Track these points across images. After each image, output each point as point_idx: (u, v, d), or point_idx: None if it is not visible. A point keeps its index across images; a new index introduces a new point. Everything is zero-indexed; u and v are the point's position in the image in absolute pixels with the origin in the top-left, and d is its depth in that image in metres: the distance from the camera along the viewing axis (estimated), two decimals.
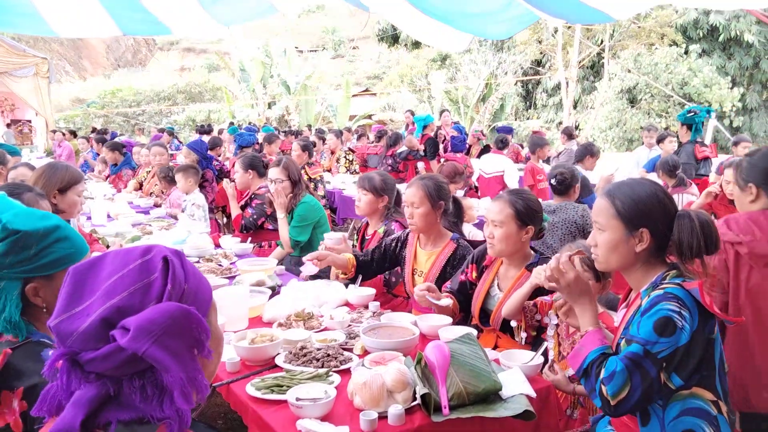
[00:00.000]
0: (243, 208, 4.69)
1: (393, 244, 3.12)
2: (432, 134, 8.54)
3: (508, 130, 8.80)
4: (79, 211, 3.14)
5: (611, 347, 1.71)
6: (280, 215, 4.08)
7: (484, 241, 2.62)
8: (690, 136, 6.60)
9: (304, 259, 3.04)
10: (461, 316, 2.69)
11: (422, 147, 8.10)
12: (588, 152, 5.72)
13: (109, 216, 5.02)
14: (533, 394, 1.85)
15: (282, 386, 1.91)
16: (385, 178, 3.50)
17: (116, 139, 9.78)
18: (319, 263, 2.98)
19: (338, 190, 7.24)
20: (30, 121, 15.42)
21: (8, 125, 15.12)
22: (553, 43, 18.62)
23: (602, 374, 1.62)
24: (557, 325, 2.18)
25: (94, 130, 14.89)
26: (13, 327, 1.41)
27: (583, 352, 1.71)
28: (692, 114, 6.64)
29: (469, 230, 4.32)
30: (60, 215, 2.69)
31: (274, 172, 4.10)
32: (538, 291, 2.31)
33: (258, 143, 8.89)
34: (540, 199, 2.77)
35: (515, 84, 20.76)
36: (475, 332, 2.21)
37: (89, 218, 4.89)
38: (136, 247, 1.05)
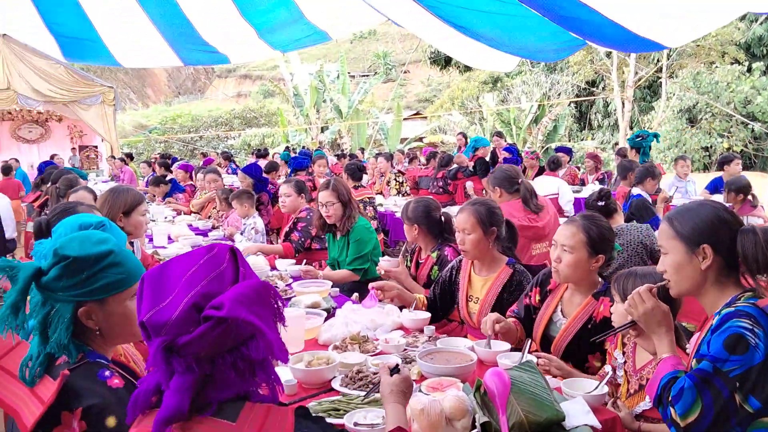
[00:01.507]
0: (289, 233, 4.75)
1: (448, 275, 3.06)
2: (486, 156, 8.48)
3: (567, 151, 8.64)
4: (145, 230, 3.24)
5: (683, 371, 1.64)
6: None
7: (544, 265, 2.56)
8: (639, 159, 7.28)
9: (370, 286, 2.98)
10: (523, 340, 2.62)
11: (471, 163, 8.05)
12: (649, 174, 5.55)
13: (169, 238, 5.17)
14: (598, 426, 1.78)
15: (339, 410, 1.90)
16: (413, 208, 3.50)
17: (176, 164, 10.14)
18: (383, 294, 2.92)
19: (390, 212, 7.26)
20: (96, 147, 16.15)
21: (73, 150, 15.87)
22: (608, 63, 18.31)
23: (670, 394, 1.56)
24: (624, 362, 2.11)
25: (160, 156, 15.48)
26: (63, 349, 1.43)
27: (658, 379, 1.65)
28: (640, 138, 7.41)
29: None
30: (129, 237, 2.80)
31: (324, 195, 4.04)
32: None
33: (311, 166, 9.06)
34: None
35: (569, 105, 20.45)
36: (535, 360, 2.15)
37: (150, 240, 5.05)
38: (198, 248, 1.17)
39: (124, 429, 1.34)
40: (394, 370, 1.71)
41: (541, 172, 8.42)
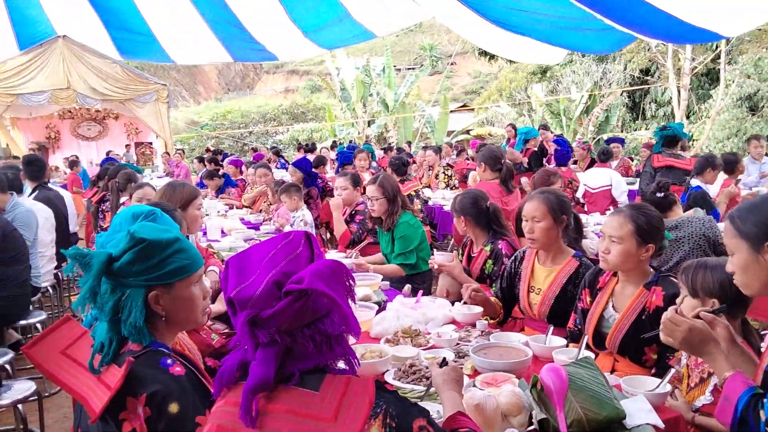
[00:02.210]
0: (347, 223, 4.78)
1: (512, 266, 3.00)
2: (536, 148, 8.31)
3: (619, 141, 8.39)
4: (200, 224, 3.31)
5: (758, 385, 1.55)
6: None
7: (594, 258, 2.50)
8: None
9: (463, 291, 2.89)
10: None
11: (525, 160, 7.90)
12: (709, 164, 5.34)
13: (223, 231, 5.29)
14: (661, 425, 1.72)
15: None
16: (459, 200, 3.46)
17: (226, 159, 10.35)
18: (473, 300, 2.84)
19: (438, 205, 7.22)
20: (151, 144, 16.65)
21: (127, 146, 16.39)
22: (663, 50, 17.68)
23: (764, 416, 1.46)
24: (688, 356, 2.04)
25: (208, 150, 15.83)
26: (138, 332, 1.48)
27: (731, 401, 1.53)
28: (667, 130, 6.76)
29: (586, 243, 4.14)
30: (186, 230, 2.86)
31: (370, 190, 4.08)
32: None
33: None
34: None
35: (621, 94, 19.87)
36: (593, 356, 2.10)
37: (204, 234, 5.17)
38: (275, 236, 1.29)
39: (185, 415, 1.38)
40: (443, 363, 1.75)
41: (592, 163, 8.22)
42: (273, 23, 10.11)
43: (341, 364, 1.25)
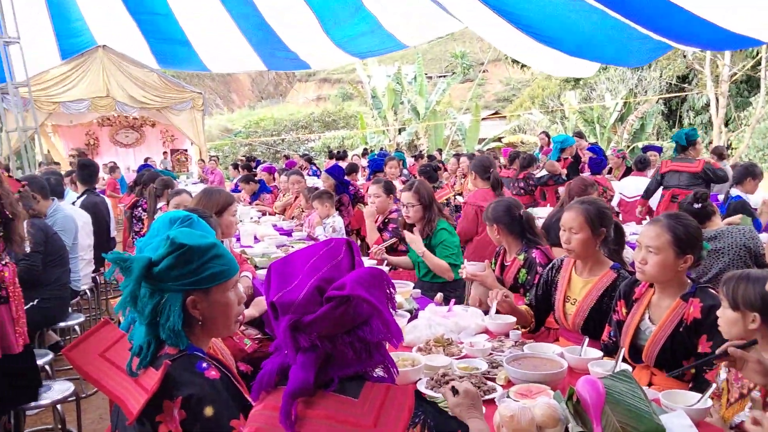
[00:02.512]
0: (380, 231, 4.78)
1: (548, 274, 2.96)
2: (572, 158, 8.16)
3: (657, 150, 8.23)
4: (235, 230, 3.36)
5: None
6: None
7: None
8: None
9: (489, 302, 2.89)
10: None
11: (564, 172, 7.78)
12: (749, 173, 5.20)
13: (256, 238, 5.34)
14: None
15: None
16: (492, 207, 3.42)
17: (260, 166, 10.49)
18: (501, 306, 2.82)
19: None
20: (186, 150, 16.96)
21: (165, 153, 16.73)
22: (701, 57, 17.32)
23: None
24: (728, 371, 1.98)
25: (245, 159, 16.06)
26: (175, 336, 1.50)
27: None
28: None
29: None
30: (220, 236, 2.90)
31: (405, 197, 4.05)
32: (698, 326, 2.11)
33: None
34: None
35: (657, 102, 19.52)
36: (630, 369, 2.06)
37: (238, 239, 5.23)
38: (317, 243, 1.30)
39: (220, 418, 1.39)
40: (454, 391, 1.69)
41: (627, 172, 8.08)
42: (306, 33, 10.29)
43: (379, 372, 1.25)
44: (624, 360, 2.33)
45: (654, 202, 6.57)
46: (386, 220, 4.79)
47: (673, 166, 6.32)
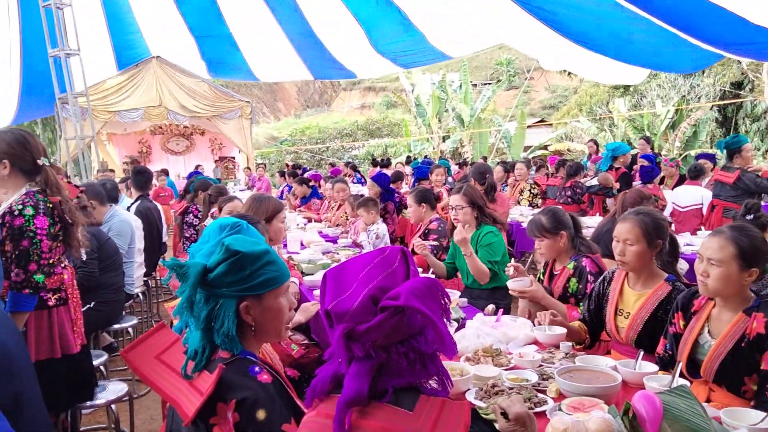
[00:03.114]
0: None
1: (600, 287, 2.87)
2: (625, 167, 7.93)
3: (710, 157, 7.95)
4: (283, 237, 3.40)
5: None
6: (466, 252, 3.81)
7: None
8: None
9: (537, 324, 2.83)
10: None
11: (617, 185, 7.58)
12: None
13: (302, 244, 5.40)
14: None
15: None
16: (553, 215, 3.30)
17: (305, 174, 10.64)
18: (552, 323, 2.76)
19: (516, 222, 7.09)
20: (234, 158, 17.30)
21: (216, 162, 17.12)
22: (757, 63, 16.71)
23: None
24: None
25: (288, 165, 16.30)
26: (230, 341, 1.53)
27: None
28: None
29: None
30: (269, 242, 2.95)
31: (455, 199, 4.03)
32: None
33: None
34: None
35: (711, 109, 18.90)
36: (688, 384, 1.99)
37: (285, 246, 5.30)
38: (372, 251, 1.30)
39: (272, 422, 1.41)
40: (504, 414, 1.56)
41: (681, 181, 7.83)
42: (352, 44, 10.44)
43: (433, 384, 1.23)
44: (681, 375, 2.26)
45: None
46: (426, 231, 4.76)
47: (719, 175, 6.19)
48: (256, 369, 1.50)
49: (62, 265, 3.03)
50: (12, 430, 1.36)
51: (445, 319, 1.21)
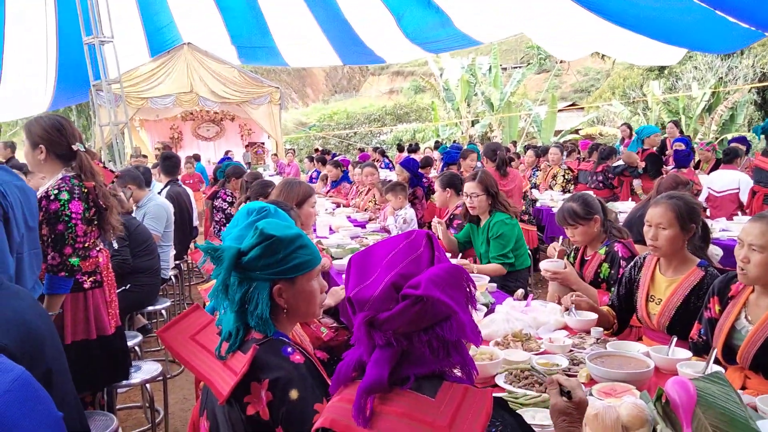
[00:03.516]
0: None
1: (630, 272, 2.83)
2: (655, 149, 7.77)
3: (742, 141, 7.71)
4: (313, 221, 3.43)
5: None
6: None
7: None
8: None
9: (564, 307, 2.80)
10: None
11: (642, 164, 7.44)
12: None
13: (331, 229, 5.44)
14: None
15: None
16: (584, 201, 3.25)
17: (334, 159, 10.67)
18: (577, 304, 2.74)
19: (546, 207, 7.01)
20: (263, 144, 17.43)
21: (246, 147, 17.27)
22: None
23: None
24: None
25: (317, 150, 16.36)
26: (263, 323, 1.55)
27: None
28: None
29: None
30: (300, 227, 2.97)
31: (470, 187, 4.03)
32: None
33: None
34: None
35: (749, 91, 18.33)
36: (723, 371, 1.95)
37: (314, 230, 5.33)
38: (398, 234, 1.25)
39: (305, 401, 1.43)
40: (564, 393, 1.48)
41: (718, 165, 7.64)
42: (382, 30, 10.42)
43: (458, 372, 1.20)
44: (716, 361, 2.22)
45: (743, 196, 6.19)
46: (452, 216, 4.75)
47: (759, 161, 5.99)
48: (289, 350, 1.52)
49: (97, 248, 3.10)
50: (58, 413, 1.40)
51: (470, 307, 1.17)
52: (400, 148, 15.67)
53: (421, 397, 1.13)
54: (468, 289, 1.16)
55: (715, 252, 3.83)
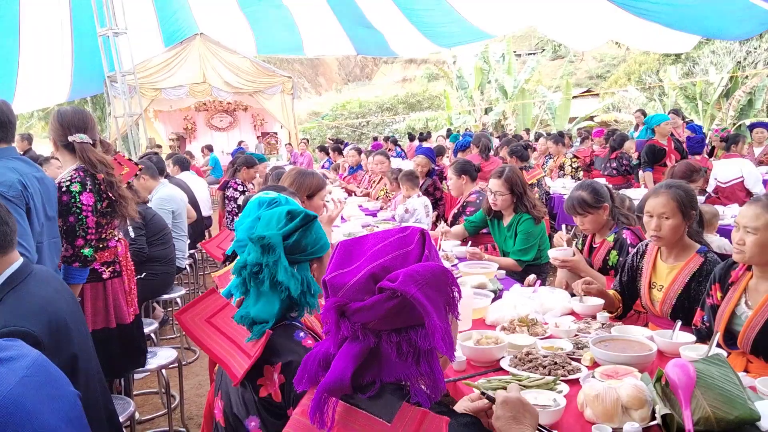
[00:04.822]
0: (457, 215, 4.76)
1: (633, 259, 2.86)
2: (662, 141, 7.64)
3: (765, 126, 7.57)
4: (322, 214, 3.47)
5: None
6: None
7: (730, 255, 2.32)
8: None
9: (577, 293, 2.80)
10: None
11: (636, 154, 7.31)
12: None
13: (342, 218, 5.48)
14: None
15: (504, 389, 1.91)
16: (593, 189, 3.25)
17: (348, 147, 10.71)
18: (587, 291, 2.75)
19: (558, 195, 7.00)
20: (276, 134, 17.51)
21: (259, 137, 17.36)
22: None
23: None
24: None
25: (331, 139, 16.40)
26: (314, 301, 1.58)
27: None
28: None
29: (719, 243, 3.88)
30: None
31: (495, 184, 3.92)
32: None
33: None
34: None
35: None
36: (724, 354, 1.98)
37: None
38: (394, 228, 1.20)
39: None
40: (489, 399, 1.40)
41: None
42: (395, 24, 10.46)
43: (422, 386, 1.10)
44: (718, 346, 2.24)
45: (752, 185, 6.03)
46: (464, 204, 4.75)
47: None
48: (301, 334, 1.56)
49: (116, 238, 3.15)
50: (79, 404, 1.45)
51: (448, 313, 1.09)
52: (411, 137, 15.65)
53: (378, 421, 1.06)
54: (450, 294, 1.09)
55: (723, 245, 3.83)
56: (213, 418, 1.72)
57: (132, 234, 4.13)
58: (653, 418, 1.67)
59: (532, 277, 3.30)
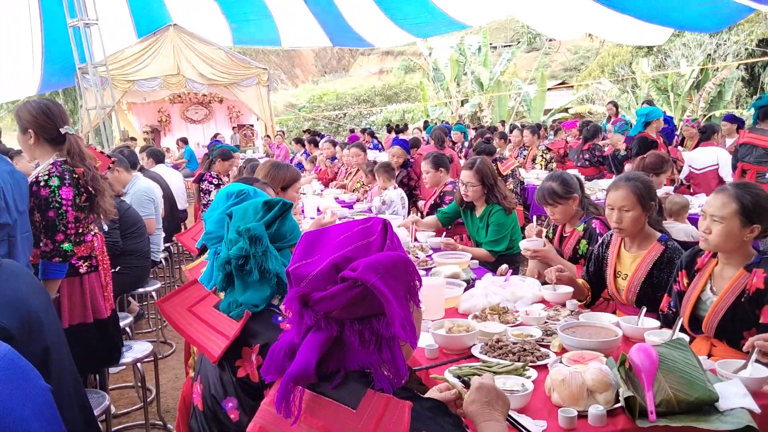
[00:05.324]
0: (435, 206, 4.80)
1: (599, 250, 2.93)
2: (653, 134, 7.73)
3: (738, 120, 7.69)
4: (295, 206, 3.48)
5: None
6: None
7: (697, 242, 2.40)
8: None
9: (549, 281, 2.86)
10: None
11: (623, 145, 7.43)
12: None
13: (318, 210, 5.49)
14: (757, 410, 1.67)
15: (478, 375, 1.95)
16: (562, 180, 3.31)
17: (323, 140, 10.69)
18: (559, 279, 2.80)
19: (532, 185, 7.09)
20: (252, 126, 17.39)
21: (234, 129, 17.23)
22: None
23: None
24: None
25: (307, 131, 16.34)
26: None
27: None
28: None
29: (687, 230, 3.99)
30: None
31: (466, 175, 3.97)
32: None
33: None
34: None
35: (737, 68, 18.40)
36: (687, 338, 2.05)
37: (303, 212, 5.39)
38: (357, 219, 1.23)
39: None
40: (465, 383, 1.49)
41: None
42: (369, 16, 10.45)
43: (385, 372, 1.13)
44: (683, 330, 2.31)
45: (726, 174, 6.22)
46: (442, 194, 4.80)
47: (749, 137, 5.87)
48: (280, 318, 1.61)
49: (92, 232, 3.12)
50: (51, 398, 1.45)
51: (409, 302, 1.11)
52: (389, 129, 15.68)
53: (343, 408, 1.08)
54: (411, 283, 1.11)
55: (691, 232, 3.94)
56: (189, 405, 1.74)
57: (105, 227, 4.09)
58: (617, 400, 1.73)
59: (504, 266, 3.35)
